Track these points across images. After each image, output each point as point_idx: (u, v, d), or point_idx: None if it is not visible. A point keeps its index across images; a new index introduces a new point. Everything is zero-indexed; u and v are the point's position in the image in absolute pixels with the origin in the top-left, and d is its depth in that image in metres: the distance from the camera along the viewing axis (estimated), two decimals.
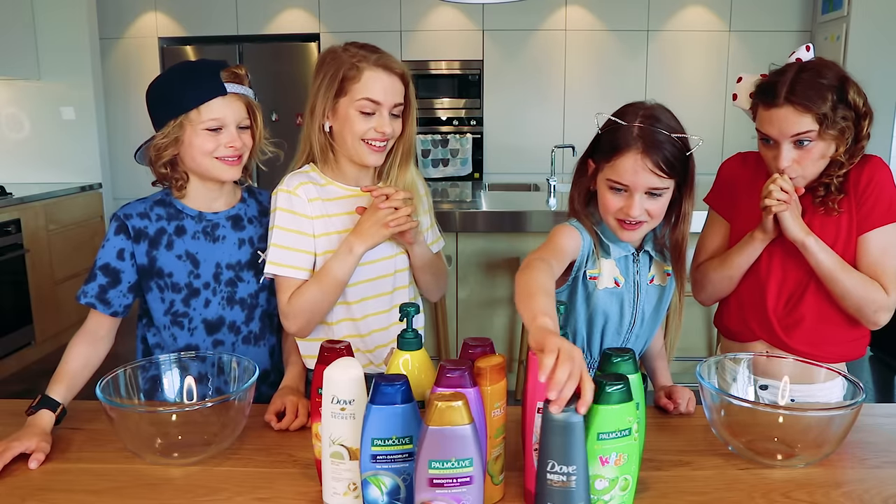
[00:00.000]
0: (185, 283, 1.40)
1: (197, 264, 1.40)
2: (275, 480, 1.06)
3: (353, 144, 1.37)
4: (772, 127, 1.32)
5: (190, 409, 1.17)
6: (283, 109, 5.06)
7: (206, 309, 1.41)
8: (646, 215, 1.22)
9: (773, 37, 4.97)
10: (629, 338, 1.34)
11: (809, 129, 1.29)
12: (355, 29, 4.97)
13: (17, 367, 3.68)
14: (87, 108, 4.51)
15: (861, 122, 1.31)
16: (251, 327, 1.46)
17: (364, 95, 1.33)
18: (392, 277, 1.45)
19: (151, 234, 1.38)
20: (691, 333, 3.22)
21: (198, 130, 1.33)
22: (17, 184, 4.17)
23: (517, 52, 5.06)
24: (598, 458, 0.90)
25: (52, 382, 1.26)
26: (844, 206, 1.36)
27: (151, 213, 1.40)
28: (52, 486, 1.05)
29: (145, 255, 1.38)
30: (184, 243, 1.40)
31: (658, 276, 1.34)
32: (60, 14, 4.37)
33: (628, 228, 1.24)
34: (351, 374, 0.94)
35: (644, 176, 1.18)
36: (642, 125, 1.20)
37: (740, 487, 1.04)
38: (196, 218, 1.41)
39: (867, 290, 1.33)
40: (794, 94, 1.28)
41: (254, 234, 1.46)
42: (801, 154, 1.31)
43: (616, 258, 1.29)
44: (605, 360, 0.99)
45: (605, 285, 1.29)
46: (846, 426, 1.06)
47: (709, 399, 1.12)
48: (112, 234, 1.37)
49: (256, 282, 1.45)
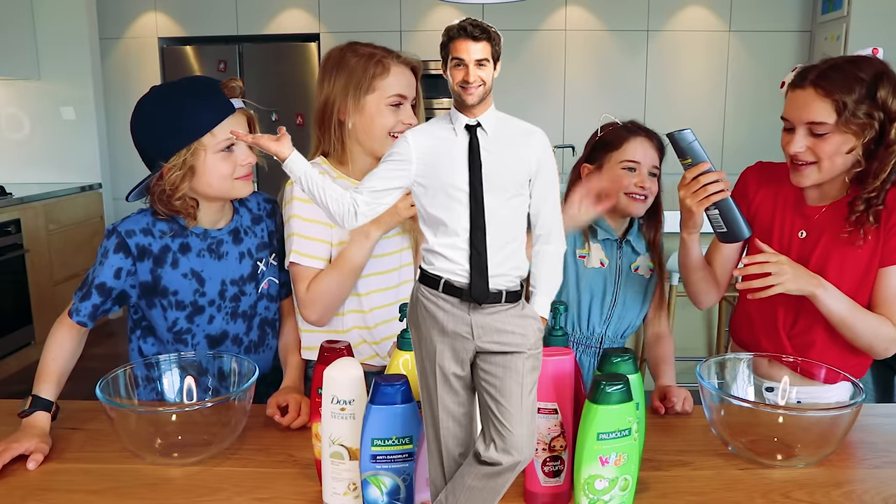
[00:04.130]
0: (189, 301, 1.37)
1: (202, 282, 1.38)
2: (275, 480, 1.06)
3: (381, 139, 1.40)
4: (791, 109, 1.28)
5: (190, 409, 1.17)
6: (283, 109, 5.06)
7: (209, 325, 1.40)
8: (650, 191, 1.48)
9: (773, 37, 4.97)
10: (612, 315, 1.54)
11: (824, 121, 1.22)
12: (355, 29, 4.97)
13: (17, 367, 3.68)
14: (87, 108, 4.51)
15: (889, 124, 1.22)
16: (251, 337, 1.45)
17: (395, 91, 1.39)
18: (398, 272, 1.47)
19: (156, 252, 1.33)
20: (691, 333, 3.22)
21: (211, 154, 1.29)
22: (17, 184, 4.17)
23: (517, 52, 5.06)
24: (598, 458, 0.90)
25: (40, 381, 1.24)
26: (871, 235, 1.30)
27: (154, 230, 1.34)
28: (52, 486, 1.05)
29: (149, 272, 1.34)
30: (189, 261, 1.36)
31: (643, 267, 1.55)
32: (60, 14, 4.37)
33: (639, 201, 1.48)
34: (351, 374, 0.94)
35: (651, 154, 1.48)
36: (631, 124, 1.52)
37: (740, 487, 1.04)
38: (201, 235, 1.38)
39: (879, 330, 1.29)
40: (821, 79, 1.23)
41: (251, 245, 1.44)
42: (815, 142, 1.25)
43: (602, 241, 1.53)
44: (605, 359, 0.99)
45: (593, 265, 1.53)
46: (846, 426, 1.06)
47: (709, 399, 1.12)
48: (111, 251, 1.31)
49: (256, 292, 1.44)
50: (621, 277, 1.53)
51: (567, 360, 0.96)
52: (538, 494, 0.99)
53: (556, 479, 0.98)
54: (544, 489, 0.98)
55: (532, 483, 0.98)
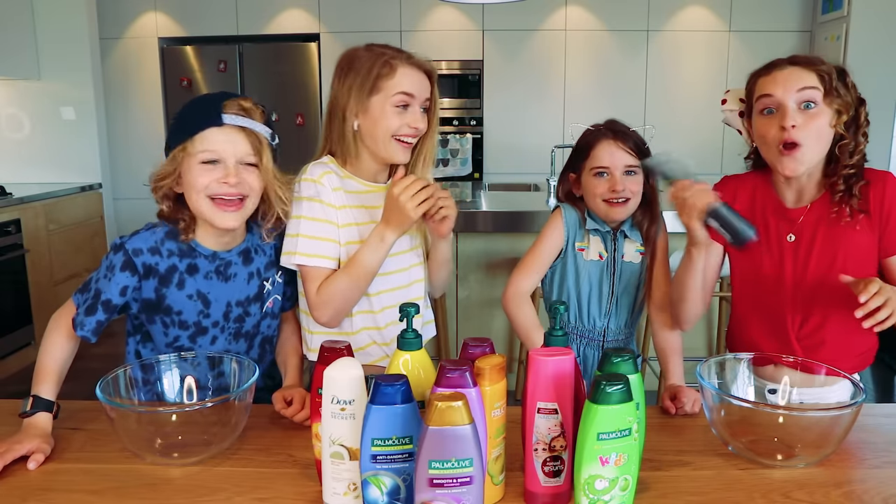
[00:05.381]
0: (193, 322, 1.36)
1: (208, 304, 1.36)
2: (275, 480, 1.06)
3: (385, 141, 1.38)
4: (776, 86, 1.30)
5: (190, 409, 1.17)
6: (283, 109, 5.06)
7: (211, 345, 1.38)
8: (628, 192, 1.47)
9: (773, 37, 4.96)
10: (612, 308, 1.56)
11: (815, 86, 1.28)
12: (355, 29, 4.97)
13: (17, 367, 3.68)
14: (87, 108, 4.51)
15: (860, 107, 1.32)
16: (251, 355, 1.44)
17: (399, 90, 1.36)
18: (408, 272, 1.48)
19: (162, 272, 1.31)
20: (691, 333, 3.20)
21: (193, 164, 1.26)
22: (17, 184, 4.16)
23: (517, 52, 5.06)
24: (598, 458, 0.90)
25: (39, 381, 1.24)
26: (865, 226, 1.33)
27: (162, 249, 1.32)
28: (52, 486, 1.05)
29: (153, 290, 1.32)
30: (196, 283, 1.34)
31: (629, 253, 1.55)
32: (60, 14, 4.36)
33: (616, 206, 1.48)
34: (351, 374, 0.94)
35: (619, 155, 1.47)
36: (605, 125, 1.52)
37: (740, 487, 1.04)
38: (210, 258, 1.35)
39: None
40: (796, 59, 1.31)
41: (260, 265, 1.41)
42: (806, 119, 1.28)
43: (594, 232, 1.54)
44: (605, 359, 0.99)
45: (592, 257, 1.55)
46: (846, 426, 1.06)
47: (709, 399, 1.12)
48: (118, 269, 1.29)
49: (261, 312, 1.42)
50: (617, 269, 1.55)
51: (567, 360, 0.96)
52: (538, 494, 0.99)
53: (556, 479, 0.98)
54: (544, 489, 0.98)
55: (532, 483, 0.98)
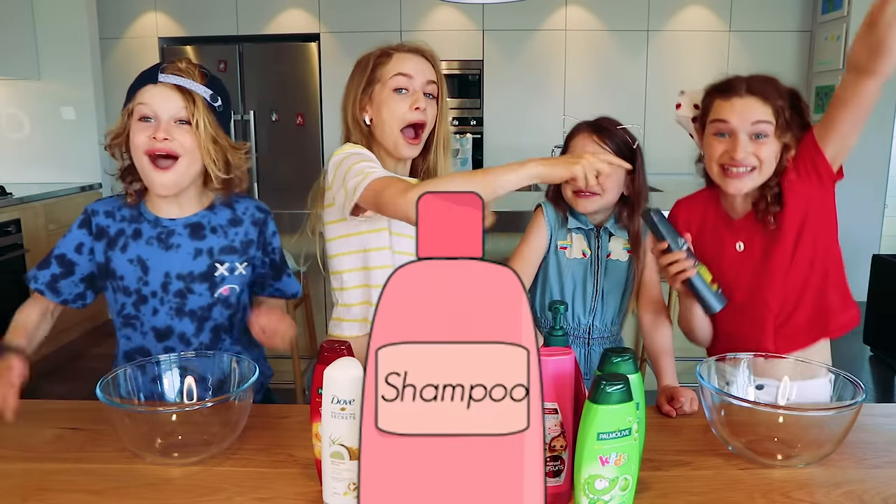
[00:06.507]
0: (134, 289, 1.36)
1: (146, 271, 1.36)
2: (275, 480, 1.06)
3: (392, 133, 1.39)
4: (732, 114, 1.34)
5: (190, 409, 1.17)
6: (283, 109, 5.07)
7: (154, 317, 1.37)
8: (597, 187, 1.44)
9: (773, 37, 4.97)
10: (597, 306, 1.56)
11: (769, 120, 1.32)
12: (355, 29, 4.98)
13: None
14: (87, 108, 4.51)
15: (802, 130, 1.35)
16: (201, 339, 1.40)
17: (396, 71, 1.38)
18: None
19: (111, 235, 1.37)
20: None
21: (133, 122, 1.31)
22: (17, 184, 4.17)
23: (517, 52, 5.06)
24: (598, 458, 0.90)
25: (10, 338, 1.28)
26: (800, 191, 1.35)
27: (117, 213, 1.38)
28: (52, 486, 1.05)
29: (103, 253, 1.37)
30: (137, 248, 1.36)
31: (616, 251, 1.55)
32: (60, 14, 4.37)
33: (582, 197, 1.49)
34: (351, 374, 0.94)
35: (592, 148, 1.47)
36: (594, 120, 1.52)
37: (740, 487, 1.04)
38: (152, 223, 1.37)
39: None
40: (754, 87, 1.34)
41: (214, 245, 1.38)
42: (756, 147, 1.33)
43: (576, 230, 1.54)
44: (605, 359, 0.99)
45: (575, 255, 1.55)
46: (846, 426, 1.06)
47: (709, 399, 1.12)
48: (76, 226, 1.37)
49: (210, 295, 1.38)
50: (601, 267, 1.55)
51: (567, 360, 0.96)
52: None
53: (556, 479, 0.98)
54: None
55: None
